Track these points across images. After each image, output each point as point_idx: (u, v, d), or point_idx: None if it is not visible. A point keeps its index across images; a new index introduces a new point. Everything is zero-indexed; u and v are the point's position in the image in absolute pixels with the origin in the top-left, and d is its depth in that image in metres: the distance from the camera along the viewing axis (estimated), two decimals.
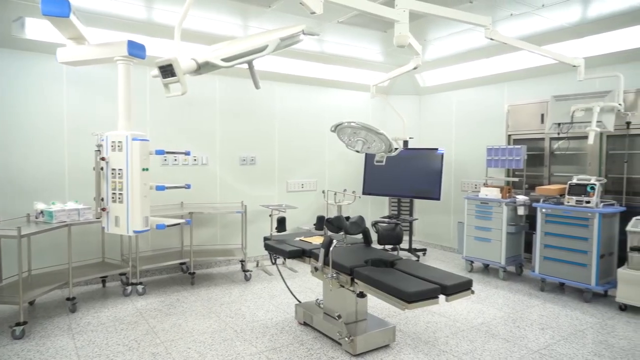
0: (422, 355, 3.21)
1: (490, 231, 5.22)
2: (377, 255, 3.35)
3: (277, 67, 5.78)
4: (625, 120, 4.50)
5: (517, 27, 4.70)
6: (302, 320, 3.76)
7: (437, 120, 6.87)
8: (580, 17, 4.43)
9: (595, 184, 4.37)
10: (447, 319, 3.93)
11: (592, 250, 4.28)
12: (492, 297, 4.57)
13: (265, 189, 5.97)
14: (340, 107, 6.57)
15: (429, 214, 6.90)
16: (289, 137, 6.15)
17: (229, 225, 5.66)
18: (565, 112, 4.55)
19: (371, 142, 3.64)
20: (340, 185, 6.44)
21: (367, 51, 5.81)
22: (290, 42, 2.14)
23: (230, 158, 5.68)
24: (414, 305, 2.60)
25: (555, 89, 5.00)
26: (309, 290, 4.73)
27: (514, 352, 3.27)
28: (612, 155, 4.81)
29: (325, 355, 3.20)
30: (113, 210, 3.34)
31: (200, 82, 5.30)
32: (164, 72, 1.95)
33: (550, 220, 4.63)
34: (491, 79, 5.98)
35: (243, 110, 5.74)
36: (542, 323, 3.85)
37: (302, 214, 6.15)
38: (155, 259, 4.90)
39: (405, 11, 2.91)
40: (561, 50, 4.71)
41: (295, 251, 3.56)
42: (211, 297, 4.52)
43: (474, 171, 6.20)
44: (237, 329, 3.69)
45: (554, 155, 5.37)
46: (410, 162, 6.23)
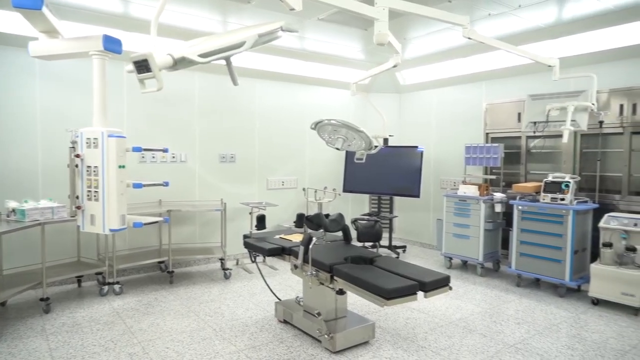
0: (401, 351, 3.23)
1: (468, 228, 5.29)
2: (357, 252, 3.36)
3: (258, 63, 5.74)
4: (599, 120, 4.61)
5: (494, 26, 4.77)
6: (282, 318, 3.76)
7: (417, 118, 6.93)
8: (556, 18, 4.52)
9: (569, 182, 4.48)
10: (426, 315, 3.97)
11: (567, 247, 4.38)
12: (470, 293, 4.64)
13: (245, 187, 5.93)
14: (320, 104, 6.57)
15: (409, 211, 6.96)
16: (270, 134, 6.11)
17: (209, 224, 5.60)
18: (541, 111, 4.64)
19: (351, 139, 3.65)
20: (321, 183, 6.44)
21: (348, 49, 5.82)
22: (268, 38, 2.12)
23: (209, 155, 5.62)
24: (393, 302, 2.62)
25: (532, 88, 5.10)
26: (289, 288, 4.72)
27: (491, 347, 3.33)
28: (585, 153, 4.93)
29: (304, 352, 3.20)
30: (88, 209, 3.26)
31: (179, 78, 5.23)
32: (139, 68, 1.91)
33: (526, 217, 4.72)
34: (470, 77, 6.06)
35: (223, 107, 5.68)
36: (518, 318, 3.93)
37: (282, 211, 6.13)
38: (133, 257, 4.82)
39: (384, 9, 2.92)
40: (537, 50, 4.80)
41: (275, 249, 3.55)
42: (190, 295, 4.47)
43: (453, 169, 6.28)
44: (216, 327, 3.66)
45: (530, 154, 5.48)
46: (390, 160, 6.26)
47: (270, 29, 2.10)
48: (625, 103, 4.51)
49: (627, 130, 4.55)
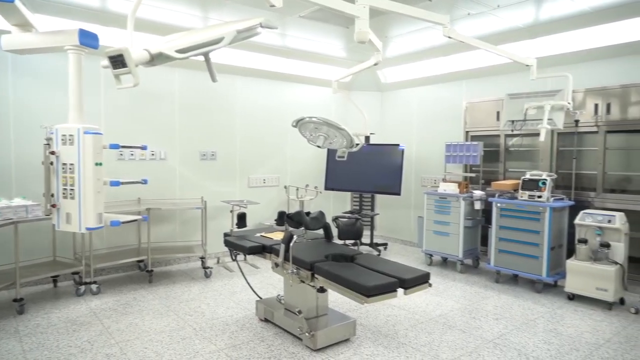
0: (382, 348, 3.25)
1: (448, 225, 5.35)
2: (338, 250, 3.36)
3: (239, 60, 5.69)
4: (574, 119, 4.71)
5: (474, 26, 4.82)
6: (262, 317, 3.74)
7: (398, 116, 6.97)
8: (534, 18, 4.60)
9: (546, 180, 4.56)
10: (407, 312, 4.00)
11: (543, 243, 4.47)
12: (450, 289, 4.69)
13: (226, 185, 5.88)
14: (302, 102, 6.55)
15: (390, 209, 7.01)
16: (251, 131, 6.07)
17: (189, 222, 5.54)
18: (519, 110, 4.72)
19: (333, 137, 3.65)
20: (303, 181, 6.42)
21: (330, 46, 5.81)
22: (247, 34, 2.10)
23: (190, 153, 5.56)
24: (373, 299, 2.63)
25: (511, 88, 5.17)
26: (270, 286, 4.70)
27: (470, 342, 3.37)
28: (562, 151, 5.03)
29: (285, 351, 3.19)
30: (64, 207, 3.19)
31: (159, 74, 5.16)
32: (114, 63, 1.87)
33: (504, 215, 4.80)
34: (450, 76, 6.12)
35: (203, 104, 5.62)
36: (496, 313, 3.99)
37: (264, 209, 6.10)
38: (111, 256, 4.74)
39: (365, 7, 2.92)
40: (515, 50, 4.87)
41: (256, 247, 3.53)
42: (170, 295, 4.42)
43: (434, 167, 6.34)
44: (196, 326, 3.62)
45: (509, 152, 5.56)
46: (371, 158, 6.29)
47: (249, 25, 2.08)
48: (599, 102, 4.62)
49: (602, 129, 4.66)
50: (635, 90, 4.39)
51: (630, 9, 4.17)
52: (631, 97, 4.42)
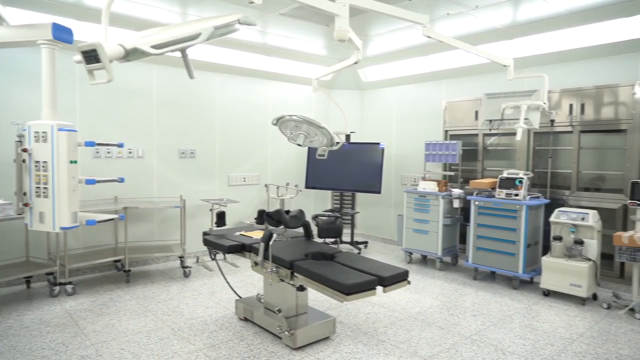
0: (362, 346, 3.27)
1: (427, 223, 5.40)
2: (317, 248, 3.36)
3: (219, 57, 5.64)
4: (550, 118, 4.81)
5: (453, 26, 4.87)
6: (242, 316, 3.72)
7: (378, 115, 7.01)
8: (511, 19, 4.67)
9: (523, 178, 4.64)
10: (387, 310, 4.03)
11: (520, 240, 4.55)
12: (429, 287, 4.74)
13: (205, 183, 5.82)
14: (283, 100, 6.53)
15: (371, 207, 7.04)
16: (231, 129, 6.02)
17: (167, 221, 5.47)
18: (496, 110, 4.79)
19: (313, 135, 3.64)
20: (283, 179, 6.41)
21: (310, 45, 5.80)
22: (225, 31, 2.07)
23: (168, 151, 5.48)
24: (352, 297, 2.64)
25: (489, 87, 5.25)
26: (250, 285, 4.68)
27: (448, 339, 3.41)
28: (538, 151, 5.13)
29: (265, 350, 3.18)
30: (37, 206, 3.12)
31: (137, 70, 5.08)
32: (87, 58, 1.82)
33: (482, 213, 4.87)
34: (430, 76, 6.17)
35: (182, 101, 5.55)
36: (474, 310, 4.05)
37: (244, 208, 6.07)
38: (87, 256, 4.64)
39: (345, 5, 2.92)
40: (493, 50, 4.94)
41: (235, 246, 3.50)
42: (147, 295, 4.35)
43: (413, 165, 6.39)
44: (175, 327, 3.58)
45: (487, 151, 5.65)
46: (352, 157, 6.31)
47: (227, 22, 2.05)
48: (574, 103, 4.72)
49: (576, 129, 4.76)
50: (608, 91, 4.50)
51: (604, 12, 4.27)
52: (604, 98, 4.53)
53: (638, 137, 4.34)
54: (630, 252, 3.91)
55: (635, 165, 4.35)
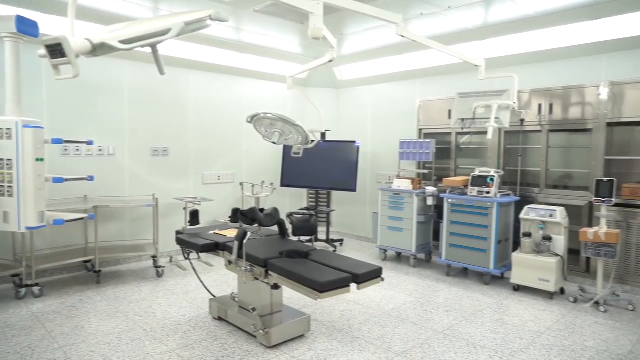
0: (336, 343, 3.28)
1: (402, 221, 5.46)
2: (292, 246, 3.36)
3: (192, 54, 5.56)
4: (520, 118, 4.92)
5: (426, 26, 4.94)
6: (216, 315, 3.68)
7: (354, 113, 7.04)
8: (483, 20, 4.76)
9: (494, 176, 4.74)
10: (361, 307, 4.05)
11: (491, 237, 4.65)
12: (403, 283, 4.80)
13: (179, 181, 5.73)
14: (258, 97, 6.49)
15: (346, 205, 7.07)
16: (205, 127, 5.95)
17: (140, 220, 5.36)
18: (468, 109, 4.87)
19: (288, 133, 3.64)
20: (258, 177, 6.37)
21: (286, 42, 5.78)
22: (196, 27, 2.04)
23: (140, 148, 5.37)
24: (327, 295, 2.64)
25: (461, 87, 5.33)
26: (225, 284, 4.64)
27: (421, 335, 3.46)
28: (509, 149, 5.25)
29: (239, 349, 3.16)
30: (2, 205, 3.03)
31: (107, 66, 4.97)
32: (52, 52, 1.77)
33: (455, 210, 4.95)
34: (404, 75, 6.24)
35: (155, 98, 5.45)
36: (447, 306, 4.12)
37: (219, 206, 6.01)
38: (55, 257, 4.51)
39: (319, 3, 2.92)
40: (466, 50, 5.03)
41: (209, 245, 3.46)
42: (119, 296, 4.26)
43: (388, 163, 6.45)
44: (147, 327, 3.52)
45: (460, 149, 5.75)
46: (328, 155, 6.32)
47: (198, 17, 2.02)
48: (543, 103, 4.85)
49: (545, 128, 4.89)
50: (575, 92, 4.64)
51: (571, 15, 4.39)
52: (571, 98, 4.67)
53: (602, 136, 4.49)
54: (595, 247, 4.04)
55: (600, 163, 4.50)
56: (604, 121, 4.46)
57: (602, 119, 4.47)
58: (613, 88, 4.38)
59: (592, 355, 3.13)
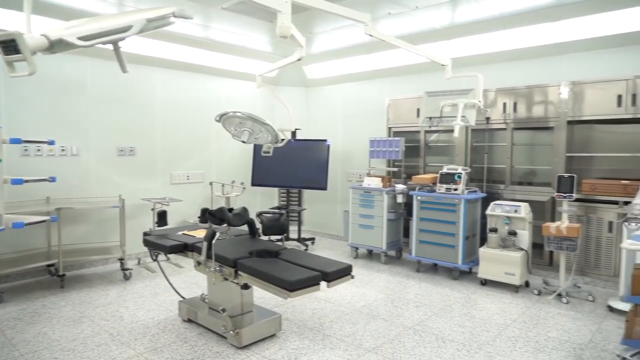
0: (307, 341, 3.28)
1: (372, 218, 5.51)
2: (262, 246, 3.34)
3: (159, 51, 5.45)
4: (485, 116, 5.04)
5: (395, 25, 4.99)
6: (186, 317, 3.63)
7: (324, 112, 7.06)
8: (450, 21, 4.85)
9: (461, 173, 4.84)
10: (333, 304, 4.07)
11: (459, 233, 4.74)
12: (374, 280, 4.84)
13: (147, 182, 5.61)
14: (227, 96, 6.41)
15: (317, 203, 7.08)
16: (173, 126, 5.84)
17: (106, 222, 5.22)
18: (435, 107, 4.95)
19: (258, 132, 3.60)
20: (229, 177, 6.30)
21: (254, 40, 5.74)
22: (159, 24, 1.99)
23: (105, 148, 5.23)
24: (297, 293, 2.64)
25: (430, 86, 5.40)
26: (195, 285, 4.57)
27: (392, 330, 3.51)
28: (475, 147, 5.37)
29: (210, 350, 3.12)
30: None
31: (69, 63, 4.82)
32: (6, 48, 1.69)
33: (424, 207, 5.03)
34: (373, 74, 6.29)
35: (120, 96, 5.31)
36: (417, 301, 4.18)
37: (188, 207, 5.91)
38: (16, 261, 4.34)
39: (287, 2, 2.91)
40: (433, 50, 5.10)
41: (177, 246, 3.41)
42: (84, 300, 4.14)
43: (359, 162, 6.49)
44: (114, 332, 3.43)
45: (429, 147, 5.84)
46: (298, 153, 6.31)
47: (161, 14, 1.98)
48: (508, 101, 4.98)
49: (510, 126, 5.03)
50: (538, 91, 4.78)
51: (532, 16, 4.53)
52: (535, 97, 4.81)
53: (563, 134, 4.64)
54: (557, 241, 4.18)
55: (561, 160, 4.66)
56: (565, 119, 4.61)
57: (563, 117, 4.62)
58: (573, 87, 4.54)
59: (554, 345, 3.24)
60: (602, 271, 4.46)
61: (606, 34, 4.37)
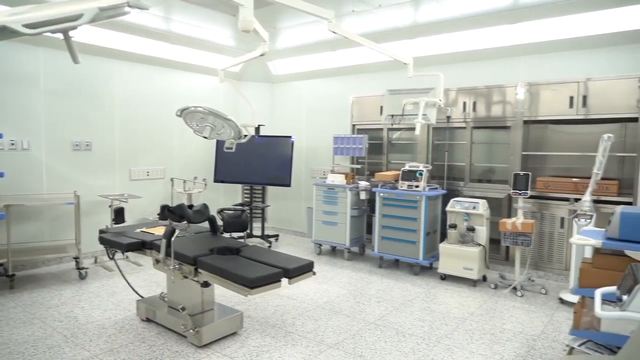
0: (269, 339, 3.27)
1: (336, 215, 5.54)
2: (223, 243, 3.29)
3: (118, 43, 5.26)
4: (446, 115, 5.15)
5: (358, 23, 5.02)
6: (144, 317, 3.53)
7: (288, 108, 7.02)
8: (412, 20, 4.92)
9: (422, 171, 4.93)
10: (295, 301, 4.07)
11: (420, 229, 4.83)
12: (337, 276, 4.87)
13: (104, 178, 5.42)
14: (189, 90, 6.28)
15: (281, 200, 7.06)
16: (132, 120, 5.67)
17: (60, 219, 5.01)
18: (398, 105, 5.02)
19: (220, 128, 3.54)
20: (191, 173, 6.18)
21: (217, 34, 5.64)
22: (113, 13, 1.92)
23: (59, 143, 5.01)
24: (257, 291, 2.62)
25: (393, 84, 5.46)
26: (154, 284, 4.46)
27: (353, 326, 3.54)
28: (437, 145, 5.48)
29: (168, 350, 3.05)
30: None
31: (19, 53, 4.59)
32: None
33: (386, 204, 5.09)
34: (338, 71, 6.31)
35: (76, 89, 5.10)
36: (378, 297, 4.24)
37: (149, 204, 5.75)
38: None
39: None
40: (396, 48, 5.16)
41: (134, 243, 3.31)
42: (36, 301, 3.96)
43: (323, 158, 6.50)
44: (67, 333, 3.30)
45: (391, 144, 5.92)
46: (262, 150, 6.26)
47: (114, 3, 1.90)
48: (467, 101, 5.11)
49: (469, 125, 5.16)
50: (497, 91, 4.93)
51: (491, 18, 4.66)
52: (493, 97, 4.96)
53: (520, 133, 4.80)
54: (512, 236, 4.33)
55: (517, 158, 4.82)
56: (521, 119, 4.77)
57: (519, 117, 4.78)
58: (530, 88, 4.70)
59: (509, 337, 3.36)
60: (555, 265, 4.66)
61: (560, 37, 4.54)
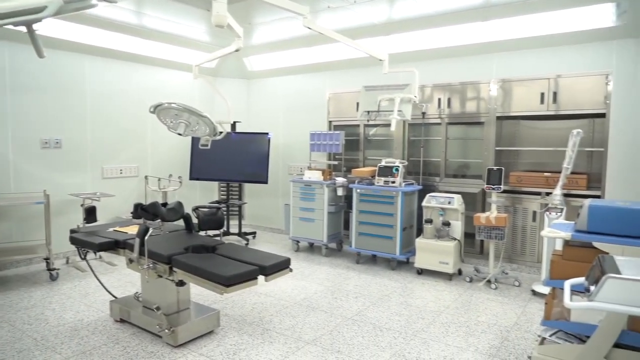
0: (247, 337, 3.25)
1: (313, 212, 5.54)
2: (198, 241, 3.25)
3: (89, 38, 5.12)
4: (422, 111, 5.20)
5: (334, 19, 5.01)
6: (118, 318, 3.46)
7: (265, 104, 6.97)
8: (387, 16, 4.93)
9: (398, 166, 4.97)
10: (273, 298, 4.05)
11: (397, 224, 4.88)
12: (315, 273, 4.87)
13: (75, 176, 5.28)
14: (163, 86, 6.16)
15: (259, 197, 7.01)
16: (104, 117, 5.53)
17: (29, 219, 4.86)
18: (373, 101, 5.04)
19: (195, 125, 3.49)
20: (165, 170, 6.08)
21: (191, 29, 5.55)
22: (79, 5, 1.85)
23: (27, 140, 4.85)
24: (233, 289, 2.60)
25: (369, 80, 5.48)
26: (129, 284, 4.38)
27: (331, 322, 3.55)
28: (412, 141, 5.53)
29: (143, 350, 3.00)
30: None
31: None
32: None
33: (363, 200, 5.12)
34: (314, 67, 6.29)
35: (44, 85, 4.94)
36: (356, 292, 4.26)
37: (121, 202, 5.63)
38: None
39: None
40: (372, 45, 5.18)
41: (107, 243, 3.24)
42: (3, 303, 3.84)
43: (300, 155, 6.48)
44: (37, 336, 3.21)
45: (368, 141, 5.95)
46: (239, 147, 6.20)
47: None
48: (442, 97, 5.17)
49: (444, 120, 5.23)
50: (471, 88, 5.00)
51: (464, 15, 4.71)
52: (467, 93, 5.03)
53: (493, 129, 4.89)
54: (487, 230, 4.41)
55: (491, 154, 4.91)
56: (495, 115, 4.86)
57: (492, 113, 4.87)
58: (502, 85, 4.79)
59: (483, 329, 3.42)
60: (527, 258, 4.77)
61: (531, 34, 4.63)
